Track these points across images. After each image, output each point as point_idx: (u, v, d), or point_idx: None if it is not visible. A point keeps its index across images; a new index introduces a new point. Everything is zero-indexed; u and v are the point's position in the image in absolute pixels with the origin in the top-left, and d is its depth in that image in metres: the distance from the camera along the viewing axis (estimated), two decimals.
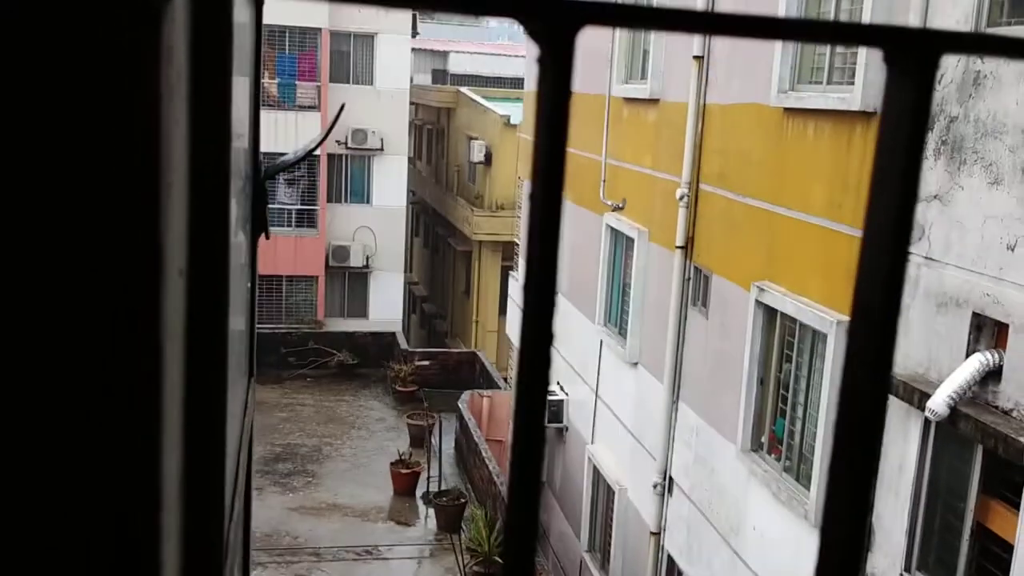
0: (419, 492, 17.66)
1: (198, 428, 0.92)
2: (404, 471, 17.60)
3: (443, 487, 17.24)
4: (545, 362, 0.41)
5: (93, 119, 0.46)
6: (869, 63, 7.30)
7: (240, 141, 1.66)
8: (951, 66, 6.42)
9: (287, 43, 24.92)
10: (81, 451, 0.57)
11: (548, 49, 0.32)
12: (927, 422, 6.44)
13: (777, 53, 8.60)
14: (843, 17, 7.98)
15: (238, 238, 1.60)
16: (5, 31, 0.44)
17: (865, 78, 7.33)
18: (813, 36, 0.34)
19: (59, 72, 0.46)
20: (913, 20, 6.77)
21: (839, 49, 8.08)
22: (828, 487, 0.45)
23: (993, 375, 5.95)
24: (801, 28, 0.34)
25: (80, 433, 0.56)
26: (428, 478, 17.47)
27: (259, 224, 1.85)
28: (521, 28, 0.34)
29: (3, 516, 0.55)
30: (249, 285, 1.89)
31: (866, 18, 7.31)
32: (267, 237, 1.91)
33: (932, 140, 6.60)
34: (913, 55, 0.34)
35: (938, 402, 6.02)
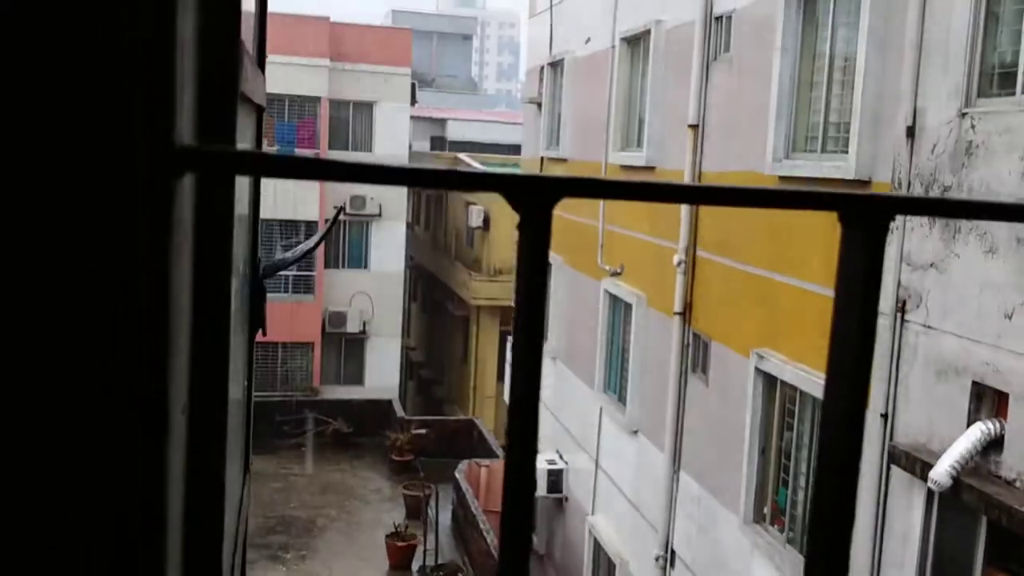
0: (415, 566, 17.34)
1: (195, 554, 0.91)
2: (400, 544, 17.32)
3: (440, 560, 16.94)
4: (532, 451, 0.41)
5: (103, 282, 0.49)
6: (863, 132, 7.40)
7: (241, 245, 1.68)
8: (943, 136, 6.50)
9: (287, 111, 25.30)
10: None
11: (528, 218, 0.34)
12: (930, 493, 6.37)
13: (772, 121, 8.72)
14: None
15: (236, 336, 1.61)
16: (14, 188, 0.47)
17: (859, 147, 7.42)
18: (773, 202, 0.35)
19: (78, 242, 0.49)
20: (904, 95, 6.88)
21: (832, 118, 8.20)
22: (808, 547, 0.45)
23: (995, 444, 5.91)
24: (761, 195, 0.35)
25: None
26: (425, 551, 17.18)
27: (256, 322, 1.85)
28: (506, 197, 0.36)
29: None
30: (246, 383, 1.89)
31: (857, 95, 7.41)
32: (264, 333, 1.92)
33: None
34: (865, 217, 0.35)
35: (940, 472, 5.96)
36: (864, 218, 0.34)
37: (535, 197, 0.33)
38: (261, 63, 1.98)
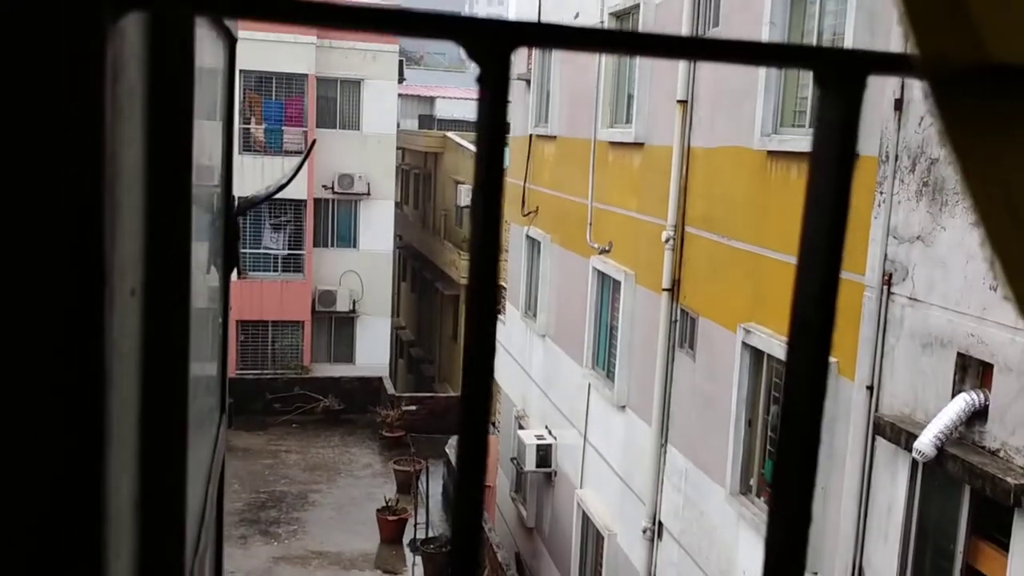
0: (406, 539, 17.45)
1: (156, 453, 0.90)
2: (391, 518, 17.41)
3: (430, 534, 17.04)
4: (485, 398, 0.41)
5: (31, 133, 0.47)
6: None
7: (212, 178, 1.66)
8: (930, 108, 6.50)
9: (274, 89, 25.11)
10: (21, 472, 0.55)
11: (486, 68, 0.33)
12: (915, 463, 6.42)
13: (760, 96, 8.71)
14: (827, 31, 8.05)
15: (210, 274, 1.60)
16: None
17: None
18: (742, 57, 0.34)
19: None
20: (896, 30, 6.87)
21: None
22: (771, 501, 0.45)
23: (979, 415, 5.95)
24: (730, 48, 0.34)
25: (21, 455, 0.55)
26: (415, 525, 17.28)
27: (231, 260, 1.85)
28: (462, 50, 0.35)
29: None
30: (221, 321, 1.88)
31: (849, 31, 7.38)
32: (239, 275, 1.91)
33: (914, 181, 6.68)
34: (841, 75, 0.34)
35: (925, 443, 6.01)
36: (840, 74, 0.34)
37: (493, 44, 0.32)
38: None
